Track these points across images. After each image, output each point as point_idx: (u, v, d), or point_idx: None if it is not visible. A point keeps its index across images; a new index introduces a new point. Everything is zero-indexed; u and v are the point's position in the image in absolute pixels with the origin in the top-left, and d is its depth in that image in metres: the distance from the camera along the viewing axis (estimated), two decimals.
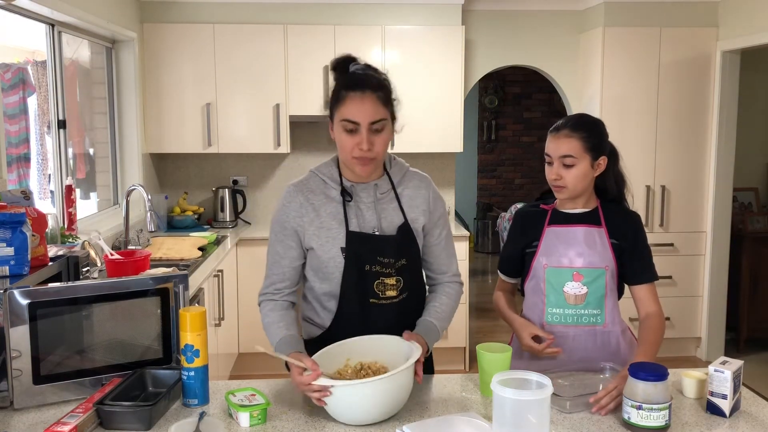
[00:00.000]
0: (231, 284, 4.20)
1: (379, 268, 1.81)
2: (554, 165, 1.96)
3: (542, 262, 2.00)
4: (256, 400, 1.61)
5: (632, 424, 1.55)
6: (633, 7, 4.61)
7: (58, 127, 3.55)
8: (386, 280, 1.83)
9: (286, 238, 1.85)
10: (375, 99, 1.73)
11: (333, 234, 1.81)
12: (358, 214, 1.83)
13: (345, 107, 1.73)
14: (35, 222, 2.04)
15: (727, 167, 4.69)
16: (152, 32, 4.49)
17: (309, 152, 5.04)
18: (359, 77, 1.76)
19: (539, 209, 2.08)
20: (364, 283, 1.81)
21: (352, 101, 1.72)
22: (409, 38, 4.59)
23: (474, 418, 1.57)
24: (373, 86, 1.74)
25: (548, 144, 1.99)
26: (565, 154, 1.93)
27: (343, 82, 1.77)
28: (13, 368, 1.64)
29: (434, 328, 1.86)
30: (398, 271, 1.84)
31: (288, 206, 1.84)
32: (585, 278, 1.97)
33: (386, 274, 1.82)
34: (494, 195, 8.90)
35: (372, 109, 1.72)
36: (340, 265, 1.80)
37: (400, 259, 1.84)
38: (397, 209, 1.86)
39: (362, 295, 1.81)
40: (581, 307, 1.98)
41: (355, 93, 1.72)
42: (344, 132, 1.74)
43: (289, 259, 1.86)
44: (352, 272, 1.80)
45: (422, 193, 1.91)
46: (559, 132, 1.96)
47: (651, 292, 2.01)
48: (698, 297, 4.81)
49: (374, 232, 1.82)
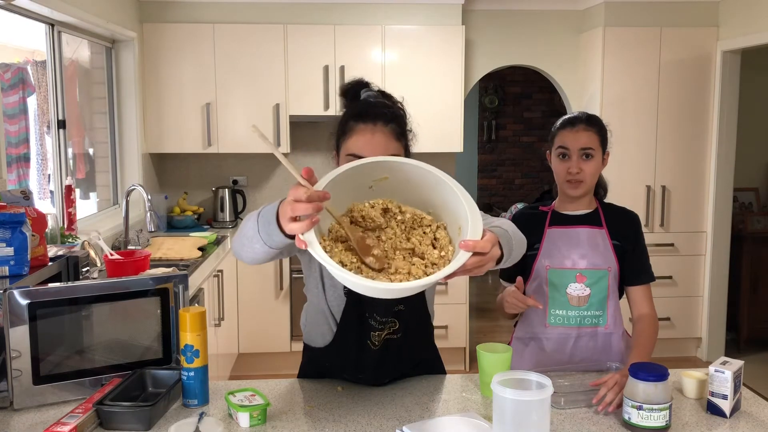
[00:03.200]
0: (231, 284, 4.20)
1: (374, 323, 1.69)
2: (573, 158, 1.95)
3: (544, 263, 1.98)
4: (256, 401, 1.61)
5: (632, 424, 1.54)
6: (633, 7, 4.61)
7: (57, 127, 3.55)
8: (382, 333, 1.70)
9: None
10: (387, 133, 1.56)
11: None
12: None
13: (352, 140, 1.55)
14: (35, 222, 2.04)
15: (727, 167, 4.69)
16: (152, 32, 4.49)
17: (309, 152, 5.04)
18: (370, 106, 1.59)
19: (538, 211, 2.07)
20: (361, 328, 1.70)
21: (362, 134, 1.54)
22: (409, 38, 4.59)
23: (474, 418, 1.57)
24: (386, 118, 1.57)
25: (562, 138, 1.97)
26: (586, 146, 1.94)
27: (353, 111, 1.59)
28: (13, 368, 1.64)
29: (503, 230, 1.50)
30: (395, 315, 1.70)
31: None
32: (588, 279, 1.96)
33: (382, 330, 1.70)
34: (494, 195, 8.89)
35: (383, 145, 1.54)
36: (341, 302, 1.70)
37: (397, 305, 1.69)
38: None
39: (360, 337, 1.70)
40: (584, 309, 1.97)
41: (365, 125, 1.55)
42: None
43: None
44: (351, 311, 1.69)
45: None
46: (576, 125, 1.96)
47: (647, 293, 2.01)
48: (698, 297, 4.81)
49: None
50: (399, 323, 1.71)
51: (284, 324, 4.46)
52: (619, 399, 1.62)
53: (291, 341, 4.46)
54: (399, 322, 1.71)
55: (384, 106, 1.60)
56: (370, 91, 1.67)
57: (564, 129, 1.98)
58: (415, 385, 1.81)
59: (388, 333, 1.71)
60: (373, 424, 1.58)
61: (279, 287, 4.42)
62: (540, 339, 1.98)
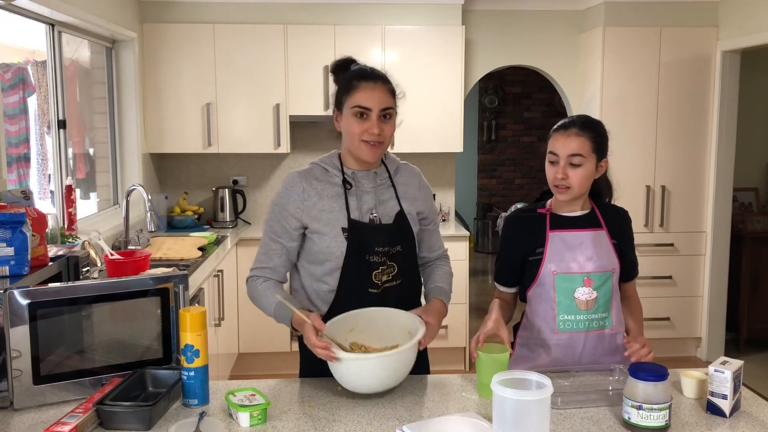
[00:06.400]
0: (231, 284, 4.20)
1: (377, 258, 1.89)
2: (561, 164, 1.91)
3: (550, 268, 1.94)
4: (256, 400, 1.61)
5: (632, 424, 1.55)
6: (633, 7, 4.61)
7: (58, 127, 3.55)
8: (385, 269, 1.90)
9: (283, 220, 1.91)
10: (385, 89, 1.86)
11: (335, 216, 1.88)
12: (358, 199, 1.91)
13: (358, 94, 1.84)
14: (35, 222, 2.04)
15: (727, 167, 4.69)
16: (152, 32, 4.49)
17: (309, 152, 5.04)
18: (369, 70, 1.90)
19: (535, 213, 2.02)
20: (363, 272, 1.88)
21: (364, 89, 1.84)
22: (409, 38, 4.59)
23: (474, 418, 1.57)
24: (384, 79, 1.89)
25: (554, 142, 1.94)
26: (575, 153, 1.90)
27: (354, 74, 1.89)
28: (14, 368, 1.64)
29: (445, 289, 2.02)
30: (392, 258, 1.91)
31: (291, 190, 1.91)
32: (595, 283, 1.94)
33: (383, 263, 1.90)
34: (494, 195, 8.89)
35: (383, 97, 1.85)
36: (342, 246, 1.87)
37: (395, 246, 1.92)
38: (394, 197, 1.96)
39: (360, 283, 1.88)
40: (591, 312, 1.95)
41: (367, 82, 1.85)
42: (355, 118, 1.84)
43: (287, 238, 1.91)
44: (352, 258, 1.87)
45: (414, 182, 2.03)
46: (568, 130, 1.92)
47: (634, 285, 2.13)
48: (698, 297, 4.81)
49: (372, 214, 1.91)
50: (397, 268, 1.92)
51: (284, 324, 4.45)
52: (650, 354, 1.82)
53: (291, 341, 4.46)
54: (396, 267, 1.92)
55: (378, 70, 1.92)
56: (359, 65, 1.95)
57: (557, 132, 1.95)
58: (415, 384, 1.82)
59: (387, 279, 1.90)
60: (373, 424, 1.58)
61: None
62: (548, 345, 1.96)
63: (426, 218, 2.05)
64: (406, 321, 1.83)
